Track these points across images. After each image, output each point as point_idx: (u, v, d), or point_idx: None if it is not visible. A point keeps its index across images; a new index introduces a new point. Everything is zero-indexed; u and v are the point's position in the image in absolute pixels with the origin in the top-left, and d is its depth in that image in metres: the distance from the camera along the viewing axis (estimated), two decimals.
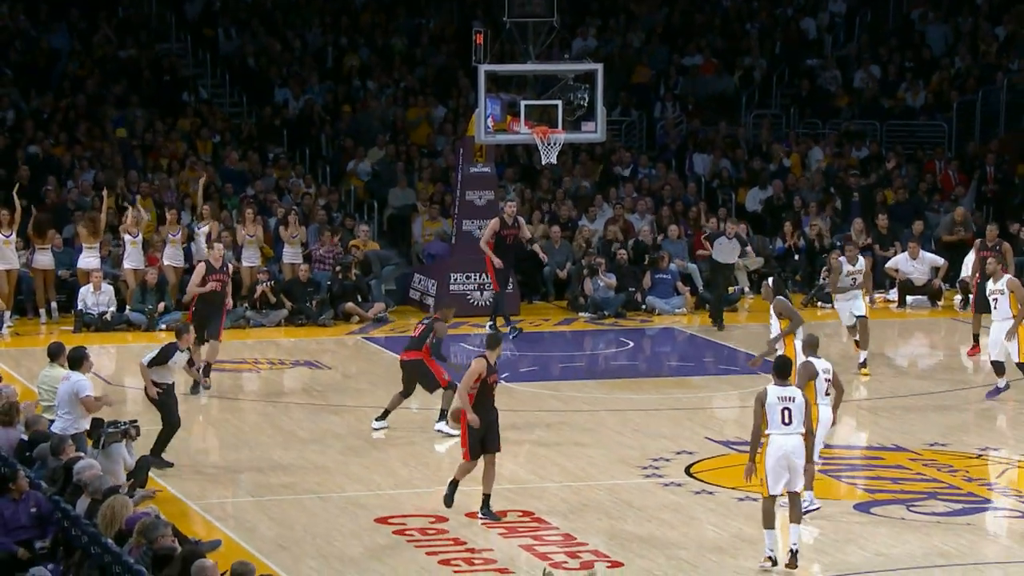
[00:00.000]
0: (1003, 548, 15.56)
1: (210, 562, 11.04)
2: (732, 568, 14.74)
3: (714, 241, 25.18)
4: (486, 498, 15.82)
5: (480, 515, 15.82)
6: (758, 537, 15.68)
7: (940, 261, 26.88)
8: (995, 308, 19.72)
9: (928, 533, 15.75)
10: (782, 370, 14.47)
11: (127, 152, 29.56)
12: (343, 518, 16.31)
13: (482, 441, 15.69)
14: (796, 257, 28.01)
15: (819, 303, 26.12)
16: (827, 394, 15.84)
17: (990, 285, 19.91)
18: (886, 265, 27.00)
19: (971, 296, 26.12)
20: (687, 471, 17.72)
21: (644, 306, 26.68)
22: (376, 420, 19.18)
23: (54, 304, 25.61)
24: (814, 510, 15.81)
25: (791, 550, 14.19)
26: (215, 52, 33.46)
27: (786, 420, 14.15)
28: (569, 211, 28.65)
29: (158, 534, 11.62)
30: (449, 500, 15.87)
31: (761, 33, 35.37)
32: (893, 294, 27.00)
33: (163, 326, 25.00)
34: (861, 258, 21.73)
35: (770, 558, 14.30)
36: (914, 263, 26.71)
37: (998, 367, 19.91)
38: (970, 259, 26.47)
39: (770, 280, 19.19)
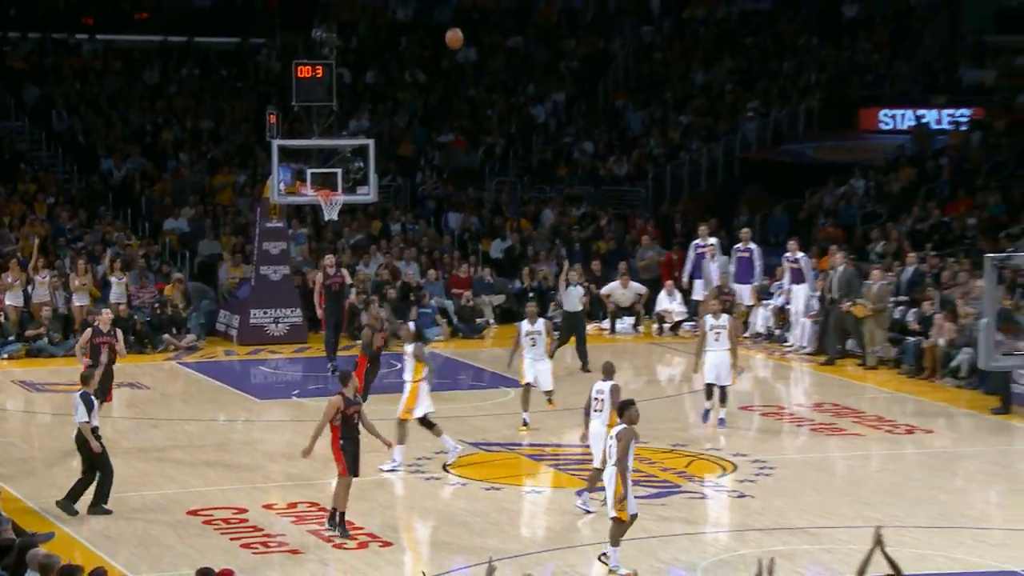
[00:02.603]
0: (689, 523, 15.85)
1: (43, 551, 10.70)
2: (479, 545, 14.77)
3: (567, 289, 24.04)
4: (341, 514, 14.98)
5: (327, 525, 14.97)
6: (502, 519, 15.80)
7: (643, 289, 27.26)
8: (716, 340, 19.40)
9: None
10: (621, 412, 14.12)
11: None
12: (159, 511, 15.94)
13: (356, 461, 14.92)
14: (530, 295, 28.23)
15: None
16: (598, 411, 15.75)
17: (711, 321, 19.56)
18: (601, 291, 27.28)
19: (667, 325, 26.77)
20: (444, 468, 17.70)
21: None
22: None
23: None
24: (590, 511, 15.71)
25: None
26: (49, 130, 32.67)
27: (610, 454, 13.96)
28: (349, 258, 28.49)
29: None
30: (344, 532, 14.86)
31: (500, 117, 35.73)
32: (606, 323, 27.33)
33: (4, 355, 24.28)
34: (540, 319, 19.86)
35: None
36: (623, 290, 27.04)
37: (710, 390, 19.59)
38: (663, 297, 27.02)
39: (411, 324, 18.53)
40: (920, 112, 33.92)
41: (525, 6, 39.04)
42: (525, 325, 19.58)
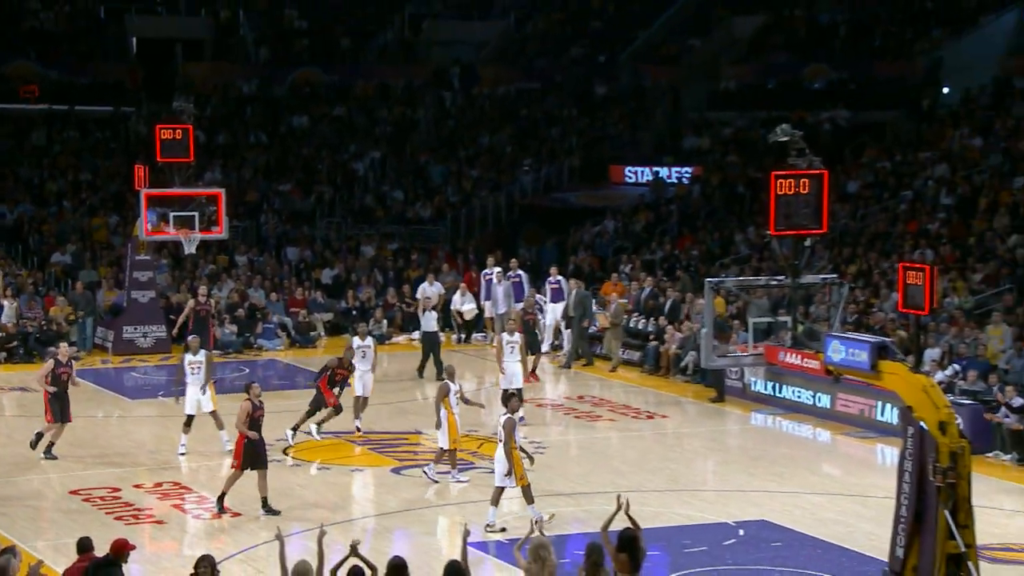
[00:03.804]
0: (481, 492, 15.91)
1: None
2: (313, 515, 14.56)
3: (424, 315, 23.54)
4: (221, 496, 14.50)
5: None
6: (331, 493, 15.56)
7: (442, 290, 26.66)
8: (511, 352, 19.01)
9: (435, 484, 15.97)
10: (504, 402, 14.29)
11: None
12: (47, 491, 15.35)
13: (254, 459, 14.35)
14: (354, 312, 28.01)
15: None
16: (459, 404, 15.86)
17: (507, 337, 19.04)
18: (416, 294, 26.80)
19: (463, 336, 26.74)
20: (284, 452, 17.40)
21: (256, 345, 26.17)
22: (317, 433, 17.59)
23: None
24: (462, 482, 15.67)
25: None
26: None
27: (500, 438, 14.03)
28: (205, 284, 27.80)
29: None
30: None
31: (328, 171, 35.37)
32: (416, 334, 27.04)
33: None
34: (370, 337, 18.85)
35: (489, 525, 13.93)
36: (431, 287, 26.42)
37: (506, 396, 19.31)
38: (457, 297, 26.67)
39: (189, 338, 18.06)
40: (655, 169, 34.81)
41: (346, 82, 38.87)
42: (356, 340, 18.90)
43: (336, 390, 17.81)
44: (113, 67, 37.33)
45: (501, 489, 14.01)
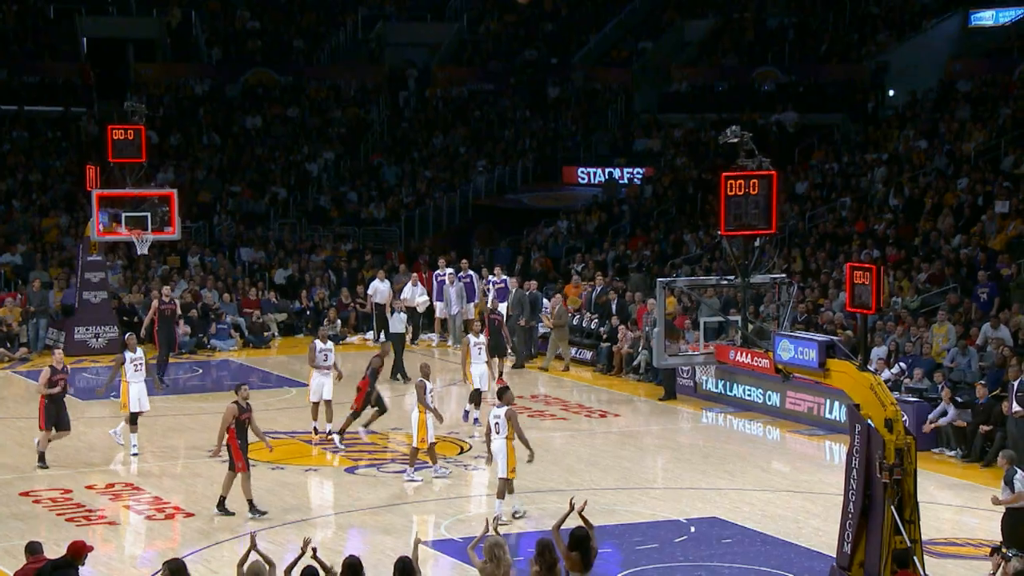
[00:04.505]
0: (435, 491, 15.86)
1: None
2: (273, 515, 14.46)
3: (393, 316, 23.41)
4: (222, 499, 14.34)
5: (217, 510, 14.22)
6: (284, 492, 15.47)
7: (391, 287, 26.19)
8: (479, 354, 18.97)
9: (389, 483, 15.94)
10: (500, 395, 14.31)
11: None
12: None
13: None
14: (308, 312, 27.86)
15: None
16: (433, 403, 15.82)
17: (473, 339, 19.07)
18: (368, 291, 26.62)
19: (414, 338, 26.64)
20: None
21: (209, 346, 25.95)
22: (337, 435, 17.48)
23: None
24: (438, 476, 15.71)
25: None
26: None
27: (498, 431, 14.07)
28: (158, 284, 27.53)
29: None
30: (255, 511, 14.16)
31: (281, 171, 35.16)
32: (370, 334, 26.99)
33: None
34: (330, 340, 18.52)
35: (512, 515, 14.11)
36: (382, 285, 26.17)
37: (477, 395, 19.05)
38: (408, 288, 26.26)
39: (126, 336, 17.96)
40: (608, 170, 34.93)
41: (300, 84, 38.68)
42: (318, 343, 18.44)
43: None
44: (63, 67, 36.88)
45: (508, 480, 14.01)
